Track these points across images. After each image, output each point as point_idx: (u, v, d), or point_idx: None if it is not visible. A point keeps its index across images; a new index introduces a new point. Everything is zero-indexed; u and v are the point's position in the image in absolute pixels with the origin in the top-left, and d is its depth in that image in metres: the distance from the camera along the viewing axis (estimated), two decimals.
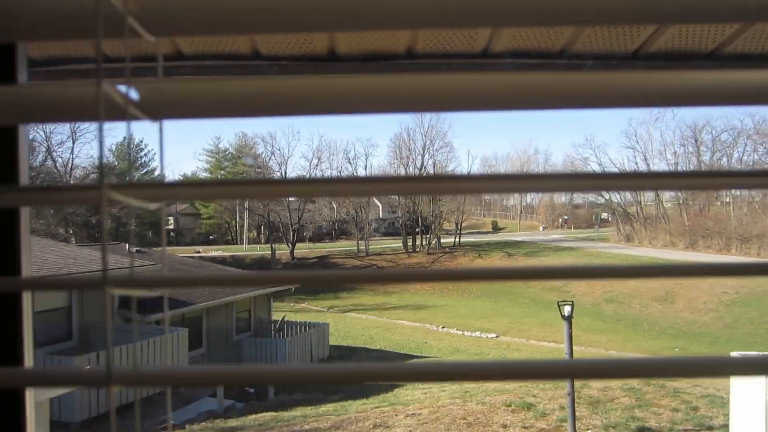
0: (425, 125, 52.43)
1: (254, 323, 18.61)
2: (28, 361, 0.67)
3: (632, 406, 8.29)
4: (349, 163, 57.91)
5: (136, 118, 0.53)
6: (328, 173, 58.47)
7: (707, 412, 7.92)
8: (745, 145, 48.58)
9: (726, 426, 6.26)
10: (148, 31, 0.53)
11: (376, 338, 23.31)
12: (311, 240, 53.18)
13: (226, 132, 71.53)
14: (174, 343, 13.21)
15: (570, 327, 7.35)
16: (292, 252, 47.78)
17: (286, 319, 18.97)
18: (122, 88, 0.52)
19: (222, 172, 59.00)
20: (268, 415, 11.86)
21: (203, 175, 58.21)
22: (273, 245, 47.64)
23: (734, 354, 4.70)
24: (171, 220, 56.84)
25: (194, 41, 1.28)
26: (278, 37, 1.30)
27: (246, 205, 53.48)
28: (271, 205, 51.41)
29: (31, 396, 0.67)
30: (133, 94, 0.53)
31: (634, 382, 9.93)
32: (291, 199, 56.24)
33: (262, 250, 50.78)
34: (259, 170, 54.68)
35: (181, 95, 0.54)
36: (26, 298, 0.66)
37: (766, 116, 44.64)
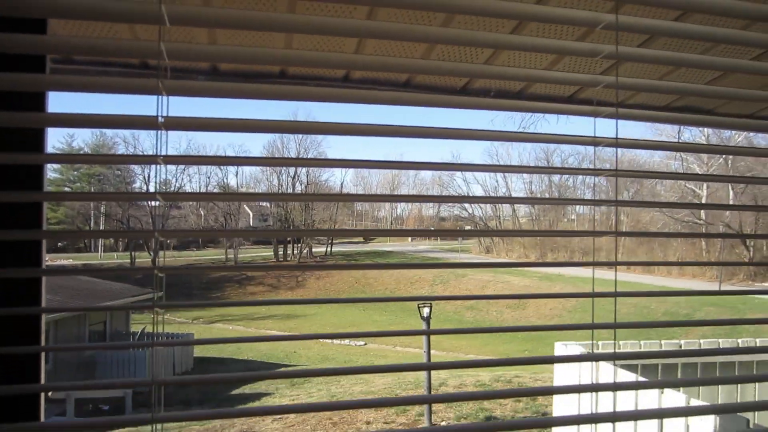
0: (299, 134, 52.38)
1: (110, 336, 17.42)
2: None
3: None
4: (219, 168, 56.09)
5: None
6: (195, 178, 56.07)
7: (544, 401, 8.94)
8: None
9: None
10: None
11: (243, 348, 22.80)
12: (176, 248, 50.62)
13: (80, 130, 65.71)
14: None
15: (428, 327, 7.95)
16: (154, 261, 45.15)
17: (146, 330, 17.99)
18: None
19: (75, 173, 54.18)
20: (125, 431, 11.23)
21: (52, 175, 52.98)
22: (133, 253, 44.67)
23: (557, 344, 5.45)
24: None
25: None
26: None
27: (102, 209, 49.64)
28: (132, 210, 48.24)
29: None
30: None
31: (486, 380, 10.86)
32: (154, 203, 53.13)
33: (120, 259, 47.36)
34: (119, 173, 51.09)
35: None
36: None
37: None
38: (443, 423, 8.10)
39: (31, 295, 0.85)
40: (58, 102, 0.86)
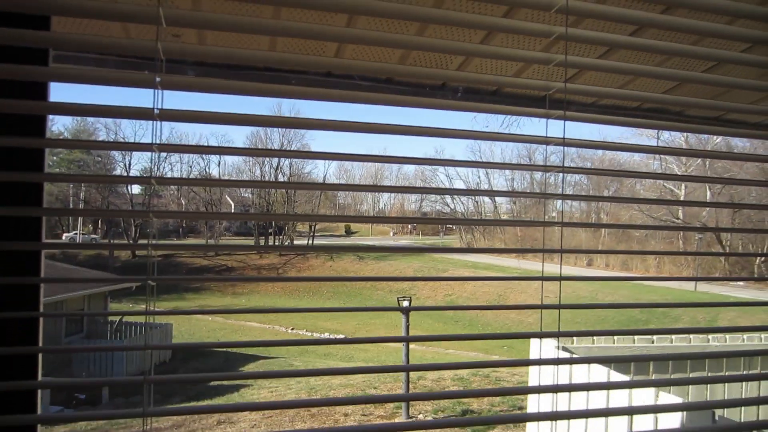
0: None
1: (87, 324, 17.27)
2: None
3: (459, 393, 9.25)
4: (201, 158, 55.62)
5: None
6: (177, 167, 55.54)
7: (520, 396, 9.12)
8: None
9: None
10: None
11: (223, 340, 22.78)
12: (155, 237, 50.26)
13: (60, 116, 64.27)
14: None
15: (407, 320, 8.06)
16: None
17: (124, 319, 17.85)
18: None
19: (54, 158, 53.31)
20: (102, 420, 11.19)
21: None
22: (112, 241, 44.19)
23: (533, 339, 5.59)
24: None
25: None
26: None
27: (81, 196, 49.00)
28: (111, 198, 47.71)
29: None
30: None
31: (464, 373, 11.02)
32: (135, 192, 52.60)
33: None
34: (99, 159, 50.41)
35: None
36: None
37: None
38: (420, 416, 8.23)
39: (31, 267, 0.92)
40: (57, 96, 0.93)
